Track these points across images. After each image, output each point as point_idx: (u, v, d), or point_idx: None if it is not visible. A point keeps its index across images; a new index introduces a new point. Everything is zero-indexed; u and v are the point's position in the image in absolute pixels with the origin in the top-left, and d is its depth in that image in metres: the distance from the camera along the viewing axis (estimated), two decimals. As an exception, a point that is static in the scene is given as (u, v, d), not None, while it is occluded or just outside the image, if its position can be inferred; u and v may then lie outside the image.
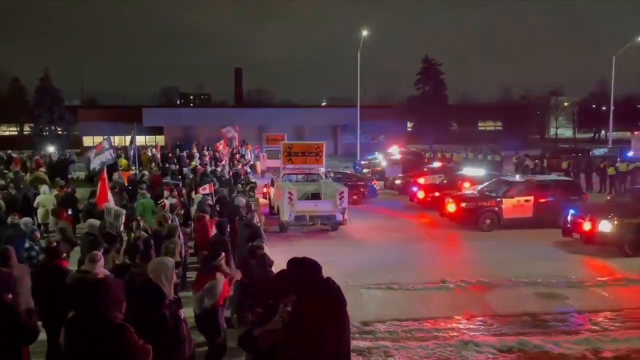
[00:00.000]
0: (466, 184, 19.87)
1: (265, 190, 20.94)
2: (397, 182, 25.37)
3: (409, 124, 67.25)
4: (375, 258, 12.99)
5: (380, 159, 31.70)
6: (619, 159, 27.63)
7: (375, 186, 23.01)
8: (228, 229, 9.06)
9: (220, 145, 26.64)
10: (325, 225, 16.11)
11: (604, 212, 13.80)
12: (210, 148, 30.71)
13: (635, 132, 36.46)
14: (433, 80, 62.15)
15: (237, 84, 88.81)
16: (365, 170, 29.42)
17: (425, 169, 25.56)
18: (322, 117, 56.97)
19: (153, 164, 21.92)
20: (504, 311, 9.21)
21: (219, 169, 20.84)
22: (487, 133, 70.74)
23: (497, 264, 12.32)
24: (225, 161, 22.67)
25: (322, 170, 18.56)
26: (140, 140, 42.09)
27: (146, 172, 19.49)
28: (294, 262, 3.60)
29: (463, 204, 16.73)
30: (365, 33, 34.68)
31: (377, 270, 11.72)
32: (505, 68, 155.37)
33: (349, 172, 26.57)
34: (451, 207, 16.99)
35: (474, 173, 21.31)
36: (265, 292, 5.37)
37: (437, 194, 19.59)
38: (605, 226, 13.15)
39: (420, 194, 20.60)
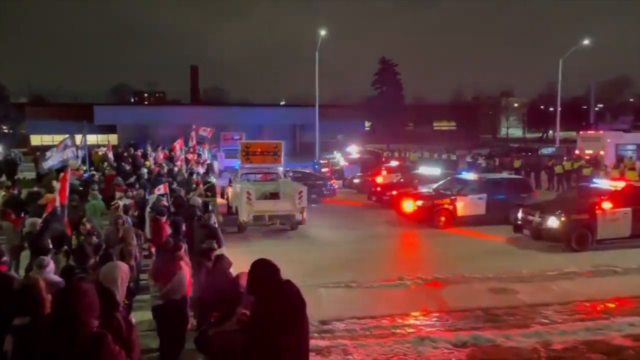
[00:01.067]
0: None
1: (223, 190, 20.72)
2: (356, 181, 25.61)
3: (367, 124, 68.03)
4: (334, 257, 13.06)
5: (339, 158, 31.93)
6: (565, 158, 28.84)
7: (334, 185, 23.15)
8: (183, 228, 8.88)
9: (178, 145, 26.08)
10: (284, 224, 16.07)
11: (551, 209, 14.36)
12: (165, 147, 30.05)
13: (581, 132, 38.16)
14: (390, 80, 63.18)
15: (193, 82, 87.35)
16: (324, 170, 29.56)
17: (383, 168, 25.92)
18: (280, 116, 56.89)
19: (106, 164, 21.23)
20: (459, 306, 9.44)
21: (175, 168, 20.42)
22: (442, 133, 72.41)
23: (451, 261, 12.64)
24: (182, 160, 22.24)
25: (281, 169, 18.51)
26: (92, 139, 40.70)
27: (96, 173, 18.86)
28: (252, 265, 3.57)
29: (419, 203, 17.05)
30: (323, 33, 34.80)
31: (336, 269, 11.79)
32: (459, 69, 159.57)
33: (308, 171, 26.63)
34: (408, 206, 17.29)
35: (430, 172, 21.76)
36: (222, 294, 5.29)
37: (394, 192, 19.90)
38: (553, 222, 13.70)
39: (379, 193, 20.85)
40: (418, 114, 71.17)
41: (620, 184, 15.14)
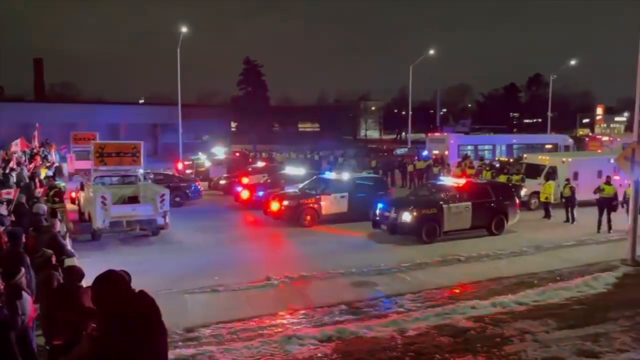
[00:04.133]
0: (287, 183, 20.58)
1: (73, 195, 19.00)
2: (222, 182, 25.18)
3: (233, 124, 67.37)
4: (199, 261, 12.68)
5: (204, 159, 31.13)
6: (416, 158, 31.43)
7: (199, 187, 22.52)
8: (23, 240, 7.91)
9: (16, 145, 23.25)
10: (145, 230, 15.21)
11: (405, 205, 15.54)
12: (3, 148, 26.62)
13: (429, 134, 41.88)
14: (255, 81, 63.29)
15: (37, 77, 78.55)
16: (188, 171, 28.61)
17: (250, 169, 25.84)
18: (140, 115, 53.77)
19: None
20: (324, 302, 9.76)
21: (14, 172, 18.17)
22: (307, 134, 74.41)
23: (317, 258, 13.04)
24: (24, 163, 19.85)
25: (141, 171, 17.49)
26: None
27: None
28: (96, 280, 3.25)
29: (285, 202, 17.31)
30: (184, 30, 33.71)
31: (202, 274, 11.46)
32: (323, 73, 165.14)
33: (171, 173, 25.55)
34: (274, 206, 17.45)
35: (295, 172, 22.20)
36: (72, 310, 4.82)
37: (261, 193, 19.96)
38: (407, 217, 14.84)
39: (245, 194, 20.75)
40: (284, 115, 72.37)
41: (462, 181, 16.91)
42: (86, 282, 5.85)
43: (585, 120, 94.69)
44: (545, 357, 7.30)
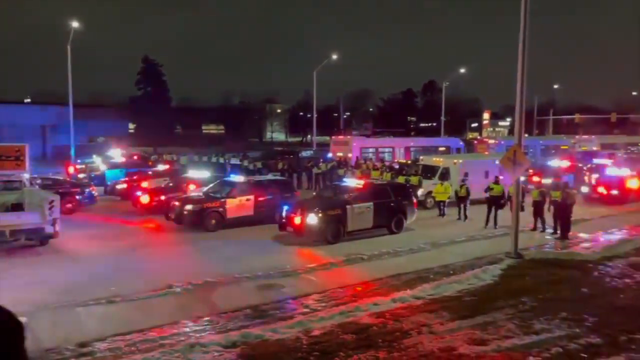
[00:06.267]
0: (192, 186, 20.02)
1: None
2: (119, 186, 23.86)
3: (132, 126, 64.17)
4: (94, 271, 11.91)
5: (99, 163, 29.28)
6: (321, 160, 31.98)
7: (93, 192, 21.16)
8: None
9: None
10: (31, 240, 13.98)
11: (310, 206, 15.75)
12: None
13: (333, 137, 42.83)
14: (154, 80, 60.78)
15: None
16: (81, 175, 26.74)
17: (150, 173, 24.74)
18: (25, 115, 49.44)
19: None
20: (229, 307, 9.60)
21: None
22: (211, 136, 72.82)
23: (222, 263, 12.81)
24: None
25: (26, 176, 16.06)
26: None
27: None
28: None
29: (189, 207, 16.80)
30: (75, 25, 31.55)
31: (97, 284, 10.77)
32: (227, 74, 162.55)
33: (62, 177, 23.76)
34: (177, 211, 16.87)
35: (199, 175, 21.63)
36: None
37: (162, 197, 19.21)
38: (312, 219, 15.05)
39: (145, 199, 19.84)
40: (186, 117, 70.21)
41: (362, 182, 17.49)
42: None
43: (474, 125, 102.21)
44: (440, 347, 7.76)
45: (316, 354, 7.49)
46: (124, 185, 23.64)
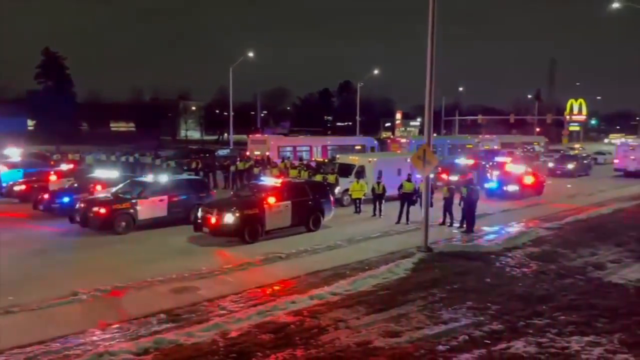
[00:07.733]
0: (98, 187, 18.93)
1: None
2: (18, 188, 22.05)
3: (30, 122, 59.51)
4: (-13, 281, 10.89)
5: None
6: (238, 159, 31.55)
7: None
8: None
9: None
10: None
11: (227, 206, 15.47)
12: None
13: (250, 136, 42.40)
14: (56, 74, 56.85)
15: None
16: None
17: (52, 172, 23.06)
18: None
19: None
20: (141, 313, 9.18)
21: None
22: (120, 134, 69.38)
23: (134, 266, 12.25)
24: None
25: None
26: None
27: None
28: None
29: (96, 209, 15.87)
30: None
31: (-10, 295, 9.87)
32: (137, 69, 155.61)
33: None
34: (85, 213, 15.88)
35: (107, 175, 20.50)
36: None
37: (66, 199, 17.99)
38: (229, 218, 14.80)
39: (47, 201, 18.45)
40: (93, 113, 66.31)
41: (280, 181, 17.48)
42: None
43: (387, 124, 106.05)
44: (356, 341, 7.95)
45: (233, 356, 7.38)
46: (23, 187, 21.92)
